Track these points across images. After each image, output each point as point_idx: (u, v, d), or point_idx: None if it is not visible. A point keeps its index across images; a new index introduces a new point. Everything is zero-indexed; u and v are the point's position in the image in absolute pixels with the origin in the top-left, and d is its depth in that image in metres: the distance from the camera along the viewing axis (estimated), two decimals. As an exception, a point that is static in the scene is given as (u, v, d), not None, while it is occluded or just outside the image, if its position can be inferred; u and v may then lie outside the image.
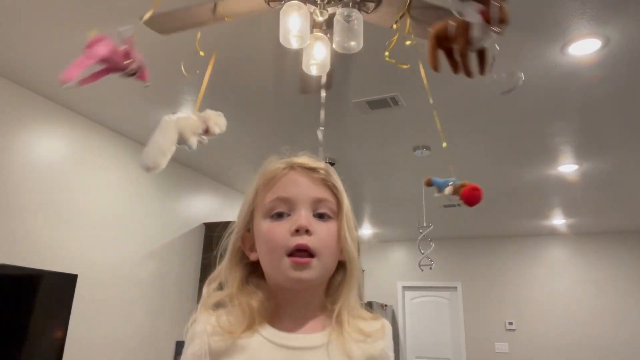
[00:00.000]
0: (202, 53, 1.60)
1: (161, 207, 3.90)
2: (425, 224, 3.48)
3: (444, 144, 2.37)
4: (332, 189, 0.74)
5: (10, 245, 2.69)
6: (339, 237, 0.72)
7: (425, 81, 1.64)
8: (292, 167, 0.74)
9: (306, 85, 2.06)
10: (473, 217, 5.69)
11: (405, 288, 7.11)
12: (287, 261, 0.68)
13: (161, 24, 1.69)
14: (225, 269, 0.75)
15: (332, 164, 4.15)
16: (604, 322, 5.84)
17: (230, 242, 0.76)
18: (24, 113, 2.84)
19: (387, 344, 0.73)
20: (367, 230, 6.67)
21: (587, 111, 2.89)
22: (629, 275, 5.90)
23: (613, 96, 2.69)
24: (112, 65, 1.16)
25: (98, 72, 1.19)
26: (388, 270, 7.18)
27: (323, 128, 2.73)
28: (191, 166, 4.21)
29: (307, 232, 0.68)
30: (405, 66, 1.52)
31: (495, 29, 0.95)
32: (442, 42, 1.03)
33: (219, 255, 0.77)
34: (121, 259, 3.44)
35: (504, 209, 5.22)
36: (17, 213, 2.75)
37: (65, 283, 2.88)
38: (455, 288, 6.78)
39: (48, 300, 2.80)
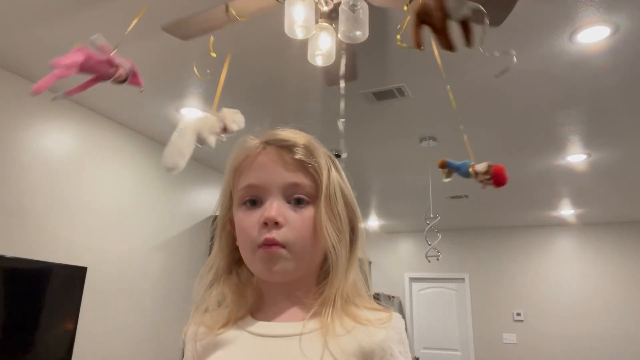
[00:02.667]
0: (214, 54, 1.61)
1: (169, 200, 3.92)
2: (432, 215, 3.46)
3: (461, 127, 2.36)
4: (311, 170, 0.66)
5: (21, 239, 2.73)
6: (316, 224, 0.64)
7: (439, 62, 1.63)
8: (264, 146, 0.67)
9: (330, 77, 2.04)
10: (480, 208, 5.67)
11: (412, 279, 7.11)
12: (259, 253, 0.64)
13: (180, 29, 1.71)
14: (214, 256, 0.71)
15: (337, 156, 4.13)
16: (613, 312, 5.81)
17: (217, 227, 0.72)
18: (33, 108, 2.86)
19: (391, 336, 0.64)
20: (374, 222, 6.67)
21: (596, 100, 2.86)
22: (638, 265, 5.86)
23: (622, 84, 2.66)
24: (98, 74, 1.18)
25: (87, 82, 1.20)
26: (395, 261, 7.18)
27: (343, 120, 2.72)
28: (198, 159, 4.22)
29: (277, 224, 0.63)
30: (420, 49, 1.48)
31: None
32: (424, 17, 1.02)
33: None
34: (130, 252, 3.47)
35: (512, 199, 5.19)
36: (28, 206, 2.78)
37: (75, 275, 2.91)
38: (462, 279, 6.77)
39: (58, 292, 2.83)
